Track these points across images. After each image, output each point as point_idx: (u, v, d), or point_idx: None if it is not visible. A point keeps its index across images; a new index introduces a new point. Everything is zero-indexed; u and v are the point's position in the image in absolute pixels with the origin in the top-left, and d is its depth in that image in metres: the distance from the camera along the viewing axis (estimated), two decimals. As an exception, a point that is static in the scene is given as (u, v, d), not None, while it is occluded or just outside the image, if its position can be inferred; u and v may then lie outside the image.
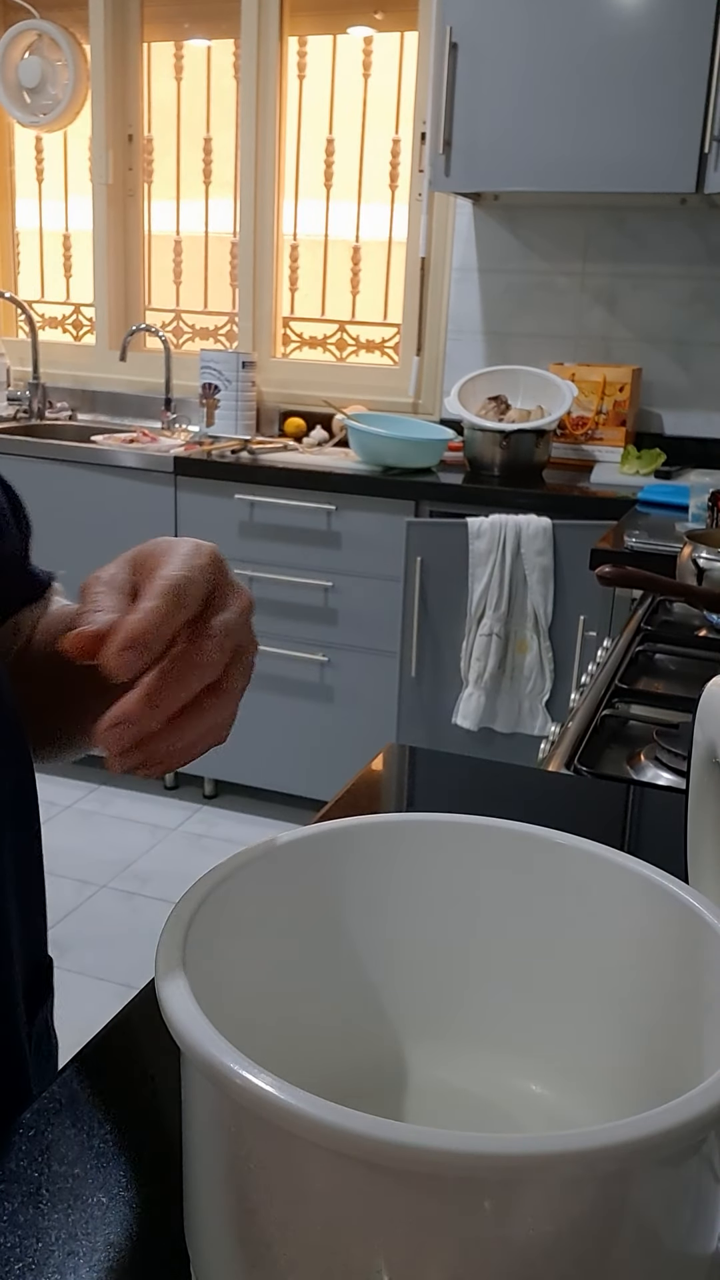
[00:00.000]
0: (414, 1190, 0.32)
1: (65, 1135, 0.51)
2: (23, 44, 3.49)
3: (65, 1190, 0.47)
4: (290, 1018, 0.47)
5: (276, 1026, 0.45)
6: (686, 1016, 0.43)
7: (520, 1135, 0.31)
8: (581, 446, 2.94)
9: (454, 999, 0.51)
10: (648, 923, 0.46)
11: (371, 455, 2.78)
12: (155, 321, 3.56)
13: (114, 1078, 0.55)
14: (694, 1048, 0.42)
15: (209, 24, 3.31)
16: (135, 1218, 0.46)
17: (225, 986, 0.41)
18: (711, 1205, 0.36)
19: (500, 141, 2.64)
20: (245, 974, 0.45)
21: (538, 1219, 0.33)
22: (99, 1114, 0.52)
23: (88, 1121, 0.51)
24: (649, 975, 0.46)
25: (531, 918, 0.50)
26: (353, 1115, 0.31)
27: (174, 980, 0.37)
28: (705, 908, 0.43)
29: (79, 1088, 0.54)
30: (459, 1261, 0.33)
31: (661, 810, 0.91)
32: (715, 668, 1.35)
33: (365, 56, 3.16)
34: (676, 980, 0.44)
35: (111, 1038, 0.58)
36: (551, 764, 1.03)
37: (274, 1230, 0.36)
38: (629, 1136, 0.31)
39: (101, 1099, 0.53)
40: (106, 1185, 0.47)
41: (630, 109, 2.51)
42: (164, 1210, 0.46)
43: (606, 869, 0.47)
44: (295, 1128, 0.32)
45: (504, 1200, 0.32)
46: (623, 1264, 0.34)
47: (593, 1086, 0.48)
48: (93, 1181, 0.47)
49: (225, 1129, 0.36)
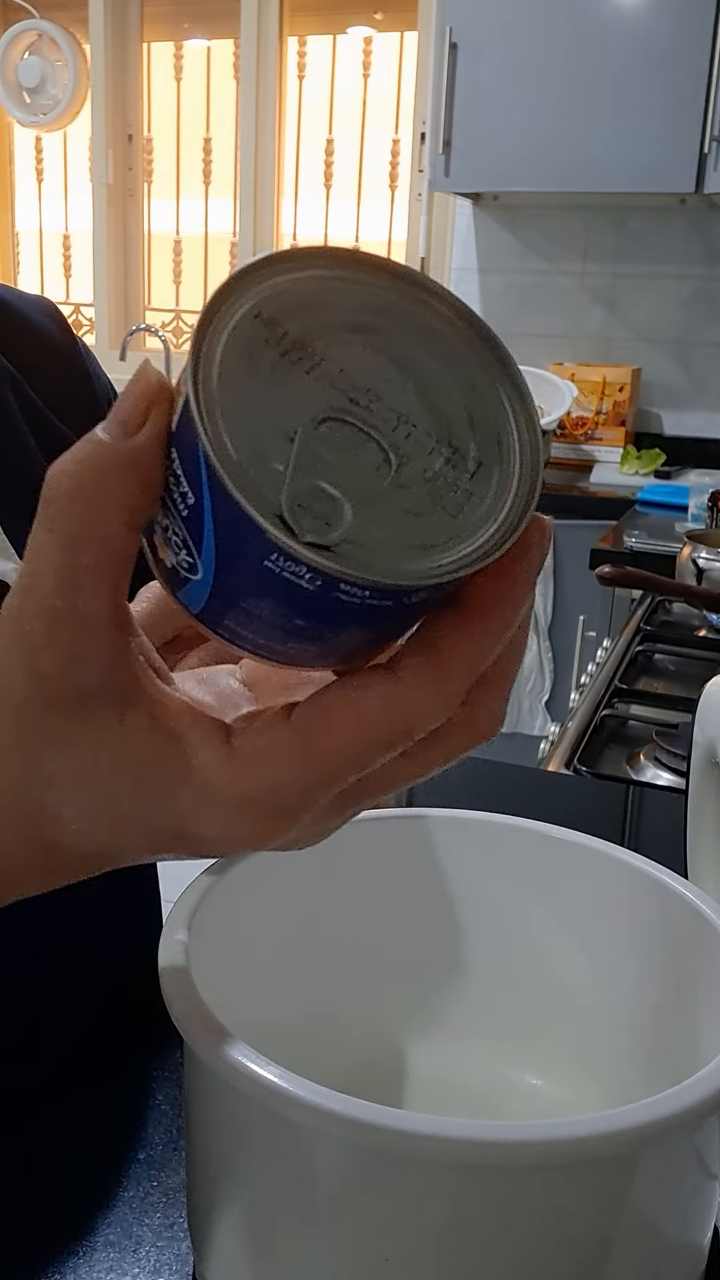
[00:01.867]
0: (420, 1178, 0.33)
1: (65, 1132, 0.51)
2: (23, 44, 3.49)
3: (65, 1190, 0.47)
4: (290, 1011, 0.47)
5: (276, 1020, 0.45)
6: (684, 1010, 0.44)
7: (524, 1123, 0.32)
8: (581, 446, 2.94)
9: (453, 992, 0.52)
10: (645, 916, 0.46)
11: (371, 455, 2.78)
12: (155, 321, 3.56)
13: (114, 1073, 0.55)
14: (691, 1040, 0.43)
15: (209, 24, 3.31)
16: (135, 1217, 0.46)
17: (226, 981, 0.41)
18: (708, 1194, 0.37)
19: (500, 141, 2.64)
20: (246, 968, 0.45)
21: (540, 1206, 0.33)
22: (98, 1109, 0.52)
23: (87, 1118, 0.52)
24: (647, 969, 0.46)
25: (530, 911, 0.50)
26: (361, 1105, 0.31)
27: (177, 975, 0.38)
28: (702, 901, 0.44)
29: (78, 1084, 0.54)
30: (464, 1248, 0.34)
31: (661, 810, 0.91)
32: (715, 668, 1.35)
33: (365, 56, 3.16)
34: (674, 974, 0.45)
35: (112, 1031, 0.58)
36: (551, 764, 1.03)
37: (281, 1221, 0.36)
38: (629, 1123, 0.32)
39: (101, 1094, 0.53)
40: (107, 1184, 0.47)
41: (630, 109, 2.51)
42: (165, 1207, 0.46)
43: (605, 863, 0.47)
44: (304, 1118, 0.32)
45: (507, 1187, 0.33)
46: (622, 1252, 0.35)
47: (591, 1079, 0.49)
48: (93, 1181, 0.48)
49: (231, 1122, 0.36)
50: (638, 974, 0.47)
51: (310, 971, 0.50)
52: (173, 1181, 0.47)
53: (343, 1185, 0.34)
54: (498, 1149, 0.31)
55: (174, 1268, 0.43)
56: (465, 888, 0.51)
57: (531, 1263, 0.34)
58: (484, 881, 0.50)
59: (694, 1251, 0.38)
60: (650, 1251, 0.36)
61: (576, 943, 0.49)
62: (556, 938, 0.50)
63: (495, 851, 0.50)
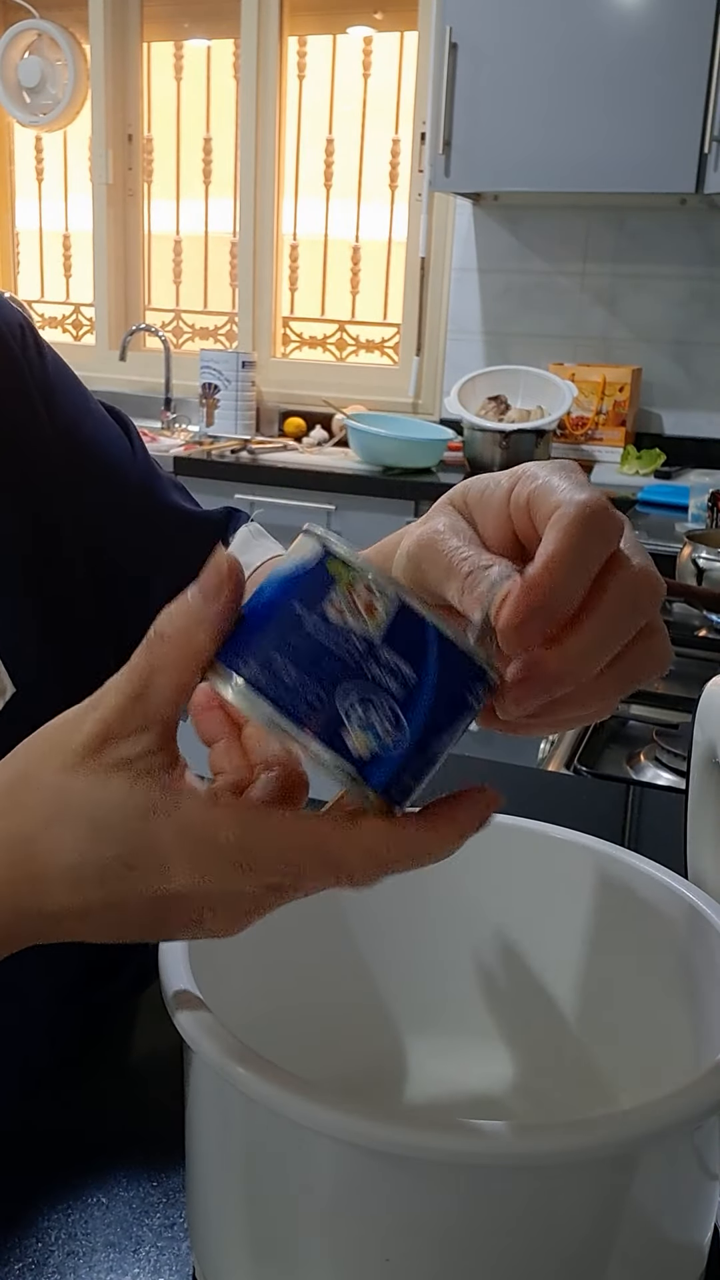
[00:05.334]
0: (420, 1178, 0.33)
1: (65, 1132, 0.51)
2: (23, 44, 3.49)
3: (65, 1190, 0.47)
4: (290, 1011, 0.47)
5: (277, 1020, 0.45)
6: (684, 1010, 0.44)
7: (524, 1123, 0.32)
8: (581, 447, 2.94)
9: (453, 993, 0.52)
10: (645, 916, 0.46)
11: (371, 455, 2.78)
12: (155, 321, 3.56)
13: (114, 1073, 0.55)
14: (691, 1041, 0.43)
15: (209, 24, 3.31)
16: (135, 1217, 0.46)
17: (226, 981, 0.41)
18: (708, 1194, 0.37)
19: (500, 141, 2.64)
20: (246, 969, 0.45)
21: (540, 1206, 0.33)
22: (98, 1109, 0.52)
23: (88, 1118, 0.52)
24: (647, 969, 0.46)
25: (530, 911, 0.50)
26: (361, 1106, 0.31)
27: (179, 977, 0.38)
28: (702, 901, 0.44)
29: (79, 1083, 0.54)
30: (464, 1248, 0.34)
31: (661, 810, 0.91)
32: (715, 668, 1.35)
33: (365, 56, 3.16)
34: (674, 974, 0.45)
35: (113, 1032, 0.58)
36: (551, 764, 1.03)
37: (281, 1222, 0.36)
38: (629, 1123, 0.32)
39: (101, 1094, 0.53)
40: (106, 1185, 0.48)
41: (630, 109, 2.51)
42: (165, 1207, 0.46)
43: (605, 863, 0.47)
44: (304, 1118, 0.32)
45: (507, 1187, 0.33)
46: (622, 1252, 0.35)
47: (591, 1080, 0.49)
48: (93, 1181, 0.48)
49: (233, 1124, 0.36)
50: (638, 974, 0.47)
51: (310, 972, 0.50)
52: (173, 1181, 0.47)
53: (343, 1186, 0.34)
54: (498, 1149, 0.31)
55: (174, 1268, 0.43)
56: (465, 887, 0.51)
57: (531, 1263, 0.34)
58: (484, 881, 0.50)
59: (694, 1251, 0.38)
60: (650, 1251, 0.36)
61: (577, 942, 0.49)
62: (556, 937, 0.50)
63: (495, 851, 0.50)
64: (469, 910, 0.51)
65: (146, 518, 0.68)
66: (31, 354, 0.64)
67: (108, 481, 0.67)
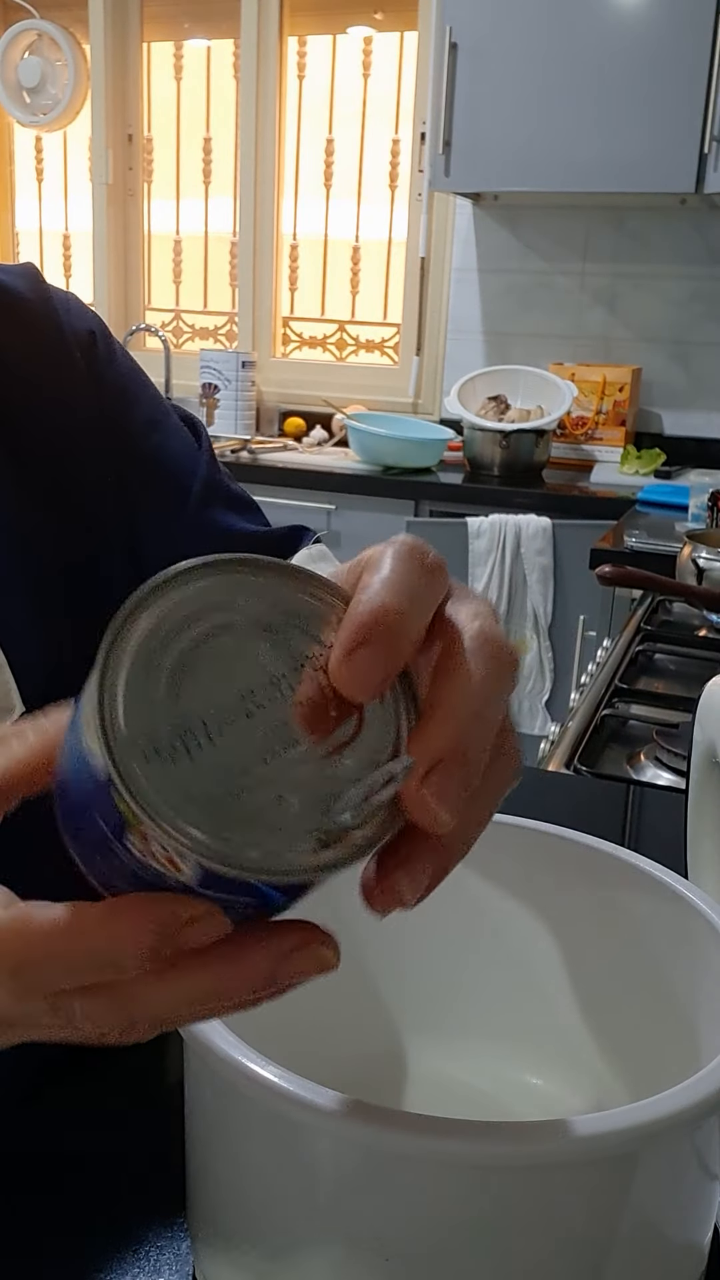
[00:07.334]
0: (420, 1178, 0.33)
1: (65, 1132, 0.51)
2: (23, 44, 3.49)
3: (65, 1189, 0.47)
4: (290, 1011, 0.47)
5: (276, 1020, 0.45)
6: (684, 1010, 0.44)
7: (524, 1123, 0.32)
8: (581, 446, 2.94)
9: (453, 992, 0.52)
10: (645, 916, 0.46)
11: (371, 455, 2.78)
12: (155, 321, 3.56)
13: (114, 1073, 0.55)
14: (691, 1040, 0.43)
15: (209, 24, 3.31)
16: (135, 1217, 0.46)
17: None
18: (708, 1194, 0.37)
19: (500, 141, 2.64)
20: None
21: (540, 1206, 0.33)
22: (98, 1109, 0.52)
23: (87, 1118, 0.52)
24: (647, 969, 0.46)
25: (530, 911, 0.50)
26: (361, 1104, 0.32)
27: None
28: (702, 901, 0.44)
29: (79, 1083, 0.54)
30: (464, 1248, 0.34)
31: (661, 810, 0.91)
32: (715, 668, 1.35)
33: (365, 56, 3.16)
34: (674, 974, 0.45)
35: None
36: (551, 764, 1.03)
37: (281, 1221, 0.36)
38: (629, 1123, 0.32)
39: (101, 1094, 0.53)
40: (107, 1184, 0.48)
41: (630, 109, 2.51)
42: (165, 1207, 0.46)
43: (605, 863, 0.47)
44: (304, 1118, 0.32)
45: (507, 1187, 0.33)
46: (622, 1252, 0.35)
47: (591, 1079, 0.49)
48: (93, 1181, 0.48)
49: (232, 1122, 0.36)
50: (638, 974, 0.47)
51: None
52: (173, 1182, 0.47)
53: (343, 1185, 0.34)
54: (498, 1149, 0.31)
55: (174, 1268, 0.43)
56: (465, 887, 0.51)
57: (531, 1263, 0.34)
58: (484, 881, 0.50)
59: (694, 1251, 0.38)
60: (650, 1251, 0.36)
61: (577, 943, 0.49)
62: (556, 937, 0.50)
63: (495, 851, 0.50)
64: (469, 910, 0.51)
65: (200, 534, 0.64)
66: (100, 365, 0.62)
67: (165, 499, 0.63)
